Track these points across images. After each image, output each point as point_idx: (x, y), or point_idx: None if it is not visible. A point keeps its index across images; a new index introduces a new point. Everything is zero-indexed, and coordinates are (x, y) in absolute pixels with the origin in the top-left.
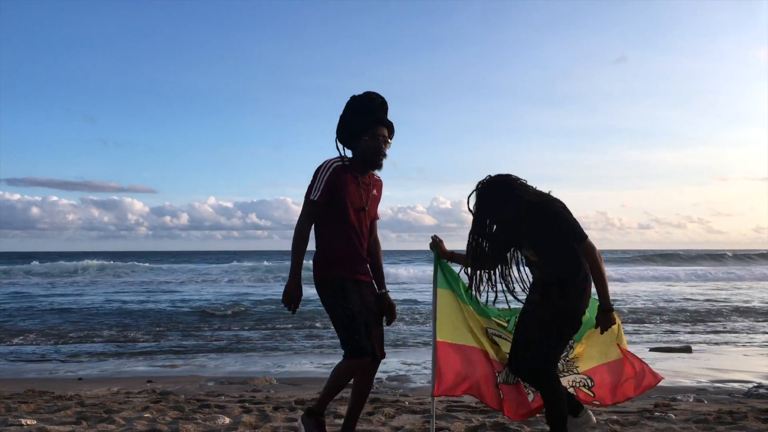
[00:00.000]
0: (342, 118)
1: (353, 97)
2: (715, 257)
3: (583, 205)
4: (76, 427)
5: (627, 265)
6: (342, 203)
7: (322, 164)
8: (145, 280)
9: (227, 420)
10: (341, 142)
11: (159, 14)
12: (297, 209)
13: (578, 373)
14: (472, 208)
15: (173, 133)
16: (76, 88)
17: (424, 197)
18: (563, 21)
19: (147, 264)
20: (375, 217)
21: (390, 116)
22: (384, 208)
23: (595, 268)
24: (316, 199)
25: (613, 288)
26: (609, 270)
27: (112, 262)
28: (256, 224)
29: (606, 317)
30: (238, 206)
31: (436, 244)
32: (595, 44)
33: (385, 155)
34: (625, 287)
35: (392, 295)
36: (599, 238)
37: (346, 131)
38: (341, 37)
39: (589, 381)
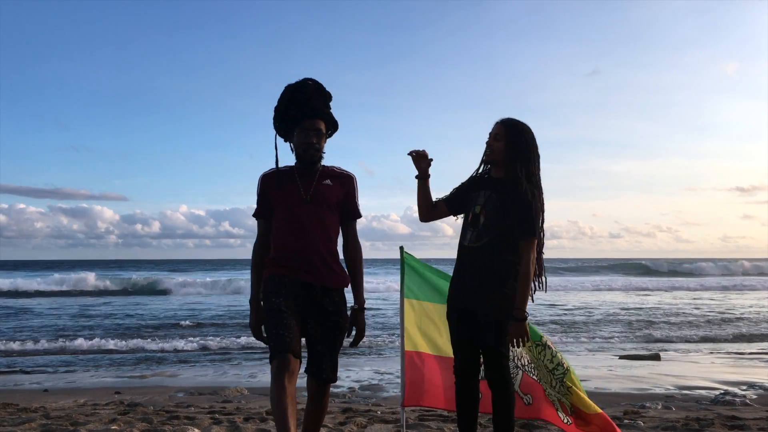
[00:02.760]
0: (275, 110)
1: (286, 87)
2: (687, 270)
3: (556, 215)
4: None
5: (602, 273)
6: (277, 203)
7: (260, 178)
8: (116, 289)
9: (196, 431)
10: (280, 136)
11: (132, 20)
12: None
13: (568, 401)
14: (501, 131)
15: (146, 140)
16: (49, 94)
17: (397, 206)
18: (538, 33)
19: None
20: (351, 215)
21: (365, 125)
22: None
23: (524, 269)
24: (254, 213)
25: (587, 296)
26: (590, 278)
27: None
28: (229, 232)
29: (518, 326)
30: (211, 214)
31: (423, 157)
32: (569, 56)
33: (317, 150)
34: (595, 296)
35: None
36: (571, 247)
37: (280, 125)
38: (316, 46)
39: (570, 409)
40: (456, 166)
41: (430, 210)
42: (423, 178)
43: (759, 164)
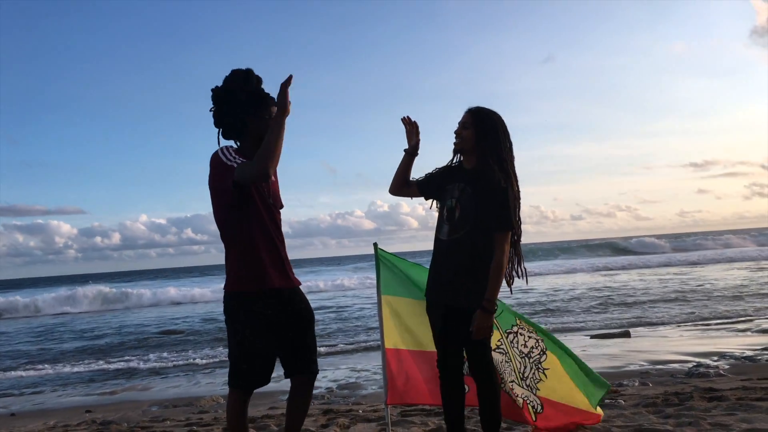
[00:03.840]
0: (241, 91)
1: (241, 70)
2: (649, 245)
3: None
4: None
5: (568, 256)
6: (252, 197)
7: (217, 152)
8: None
9: None
10: (228, 128)
11: (79, 27)
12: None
13: (535, 394)
14: (469, 119)
15: (100, 151)
16: None
17: (361, 202)
18: (491, 24)
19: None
20: (281, 206)
21: (325, 124)
22: (322, 215)
23: (498, 261)
24: (242, 159)
25: (553, 279)
26: (556, 261)
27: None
28: (192, 239)
29: (485, 317)
30: (172, 222)
31: (416, 131)
32: (523, 45)
33: None
34: (562, 279)
35: (335, 302)
36: (534, 232)
37: (243, 111)
38: (271, 47)
39: (539, 406)
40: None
41: (402, 186)
42: (411, 155)
43: (711, 139)
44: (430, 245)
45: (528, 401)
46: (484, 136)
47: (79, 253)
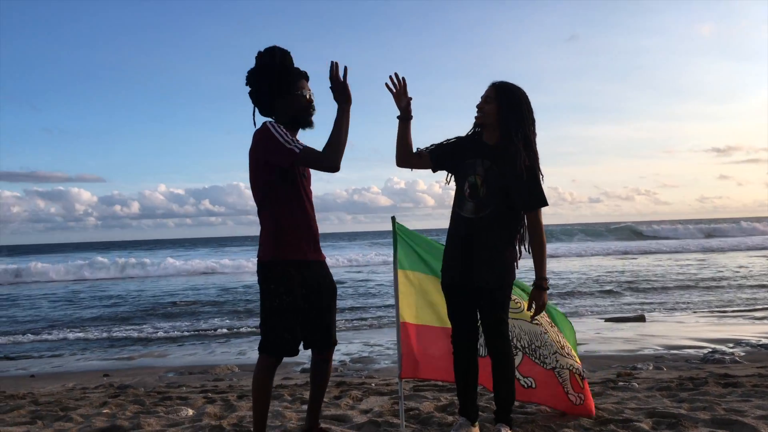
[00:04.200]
0: (268, 69)
1: (272, 48)
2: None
3: None
4: (31, 427)
5: (585, 239)
6: (295, 173)
7: (267, 128)
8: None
9: (191, 412)
10: (263, 108)
11: None
12: (251, 194)
13: (578, 362)
14: (492, 93)
15: (120, 120)
16: (19, 76)
17: (378, 178)
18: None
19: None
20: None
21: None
22: (339, 190)
23: (540, 240)
24: (302, 144)
25: (570, 262)
26: (573, 245)
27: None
28: (209, 211)
29: (540, 294)
30: (190, 193)
31: (403, 93)
32: (547, 23)
33: (314, 109)
34: (580, 261)
35: (350, 276)
36: (551, 213)
37: (270, 91)
38: (291, 19)
39: (582, 371)
40: (435, 134)
41: (409, 154)
42: (405, 119)
43: (735, 124)
44: (445, 223)
45: (575, 371)
46: (509, 111)
47: (99, 220)
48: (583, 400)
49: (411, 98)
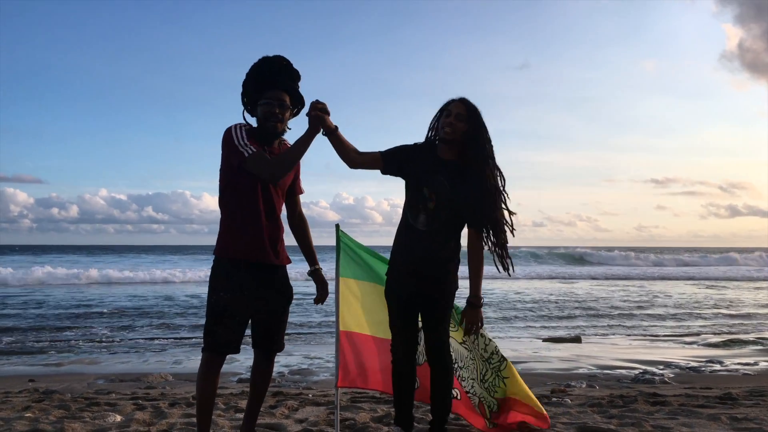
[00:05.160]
0: (243, 84)
1: (258, 60)
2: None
3: None
4: None
5: (531, 262)
6: (248, 174)
7: (231, 128)
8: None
9: (119, 418)
10: (248, 112)
11: None
12: (196, 203)
13: (493, 396)
14: (464, 112)
15: (61, 119)
16: None
17: (326, 193)
18: (470, 25)
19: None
20: (297, 191)
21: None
22: None
23: (480, 257)
24: (255, 150)
25: (512, 283)
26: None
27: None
28: (152, 218)
29: (474, 312)
30: (133, 199)
31: (322, 119)
32: (500, 50)
33: (280, 120)
34: (520, 283)
35: (296, 288)
36: None
37: (246, 98)
38: (241, 30)
39: (495, 406)
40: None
41: (357, 154)
42: (333, 134)
43: (673, 157)
44: (392, 241)
45: (484, 401)
46: (477, 131)
47: (35, 223)
48: (496, 426)
49: (329, 113)
